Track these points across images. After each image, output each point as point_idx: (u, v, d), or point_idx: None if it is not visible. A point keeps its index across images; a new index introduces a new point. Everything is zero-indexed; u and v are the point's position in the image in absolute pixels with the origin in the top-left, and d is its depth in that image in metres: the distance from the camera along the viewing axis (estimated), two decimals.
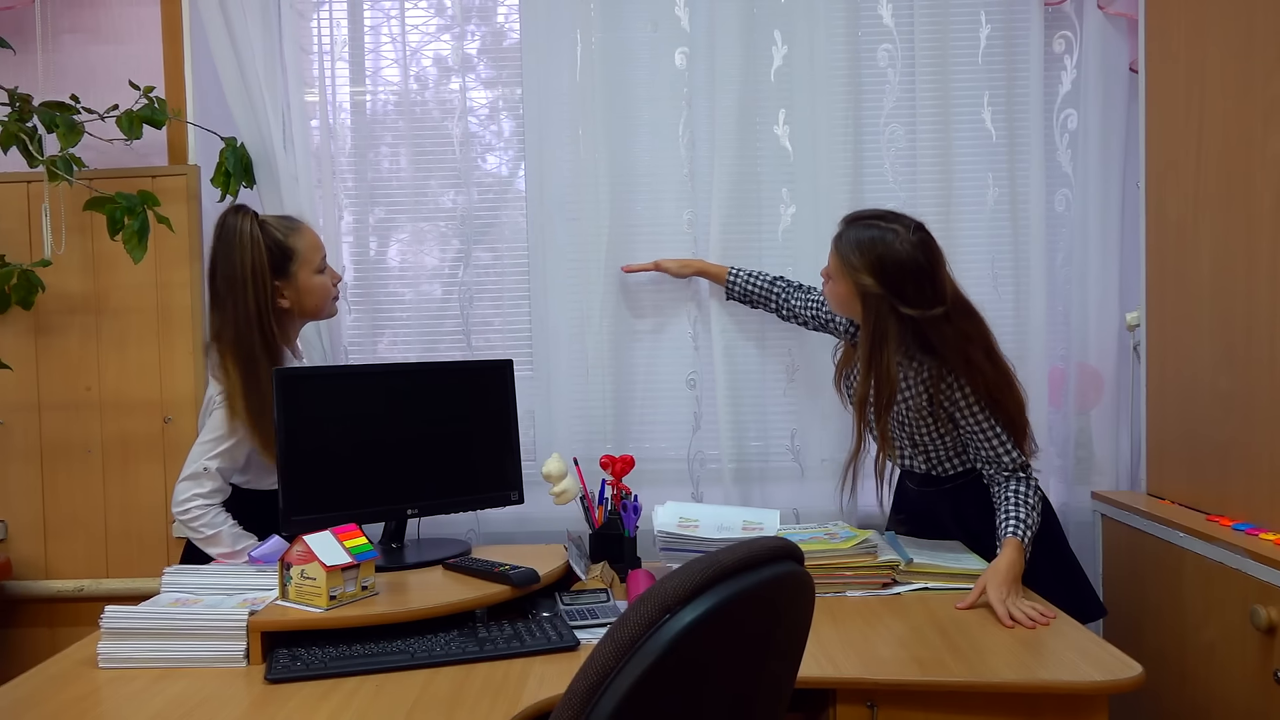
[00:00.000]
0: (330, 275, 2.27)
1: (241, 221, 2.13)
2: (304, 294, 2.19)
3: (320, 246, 2.25)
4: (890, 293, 1.98)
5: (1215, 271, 2.09)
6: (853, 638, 1.75)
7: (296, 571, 1.73)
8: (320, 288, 2.22)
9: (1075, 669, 1.58)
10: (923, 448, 2.16)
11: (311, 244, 2.22)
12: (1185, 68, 2.21)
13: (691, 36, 2.55)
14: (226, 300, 2.11)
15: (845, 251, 2.03)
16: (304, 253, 2.19)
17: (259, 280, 2.10)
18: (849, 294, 2.05)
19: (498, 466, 2.18)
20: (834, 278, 2.08)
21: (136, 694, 1.53)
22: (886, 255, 1.98)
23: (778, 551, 1.09)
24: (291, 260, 2.17)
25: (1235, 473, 2.04)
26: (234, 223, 2.13)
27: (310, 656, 1.62)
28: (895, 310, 1.99)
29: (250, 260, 2.10)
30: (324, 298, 2.24)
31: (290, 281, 2.17)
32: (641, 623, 0.95)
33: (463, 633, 1.73)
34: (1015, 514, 2.00)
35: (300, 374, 1.99)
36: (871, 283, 1.98)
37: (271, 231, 2.16)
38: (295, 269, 2.17)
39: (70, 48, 2.64)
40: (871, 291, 1.99)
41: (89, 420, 2.62)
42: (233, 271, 2.10)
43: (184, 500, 2.06)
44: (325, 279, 2.24)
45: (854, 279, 2.01)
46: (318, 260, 2.22)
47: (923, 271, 1.99)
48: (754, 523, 2.13)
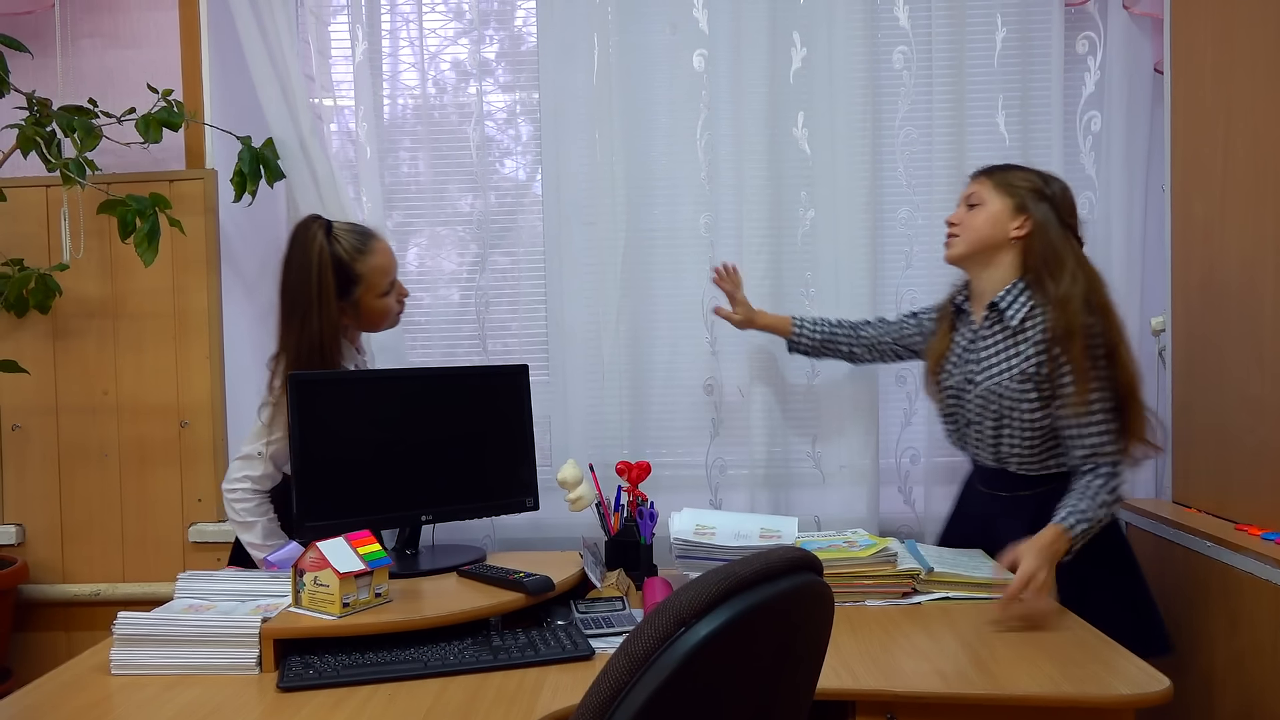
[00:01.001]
0: (398, 293, 2.22)
1: (315, 234, 2.08)
2: (364, 315, 2.17)
3: (389, 269, 2.18)
4: (1053, 204, 2.00)
5: (1244, 275, 2.05)
6: (872, 648, 1.72)
7: (310, 578, 1.71)
8: (382, 310, 2.18)
9: (1101, 682, 1.55)
10: (1012, 431, 2.03)
11: (378, 267, 2.15)
12: (1212, 68, 2.17)
13: (710, 39, 2.53)
14: (293, 317, 2.08)
15: (1003, 174, 2.06)
16: (369, 277, 2.13)
17: (325, 302, 2.06)
18: (1002, 212, 2.03)
19: (513, 472, 2.16)
20: (983, 201, 2.05)
21: (148, 701, 1.52)
22: (1048, 177, 2.05)
23: (795, 562, 1.06)
24: (356, 285, 2.12)
25: (1265, 481, 1.99)
26: (307, 235, 2.09)
27: (323, 664, 1.60)
28: (1061, 221, 2.00)
29: (317, 280, 2.06)
30: (385, 317, 2.20)
31: (351, 303, 2.14)
32: (656, 636, 0.93)
33: (477, 641, 1.71)
34: (1075, 504, 1.90)
35: (315, 379, 1.98)
36: (1040, 185, 2.02)
37: (340, 250, 2.10)
38: (359, 293, 2.13)
39: (89, 52, 2.65)
40: (1043, 194, 2.01)
41: (106, 424, 2.63)
42: (301, 290, 2.06)
43: (235, 479, 2.06)
44: (389, 301, 2.18)
45: (1016, 192, 2.02)
46: (384, 284, 2.16)
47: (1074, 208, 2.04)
48: (772, 530, 2.10)
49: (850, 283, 2.53)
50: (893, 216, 2.58)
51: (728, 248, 2.53)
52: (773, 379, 2.54)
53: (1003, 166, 2.09)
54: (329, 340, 2.07)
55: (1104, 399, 1.93)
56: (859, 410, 2.52)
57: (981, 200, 2.06)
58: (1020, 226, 2.01)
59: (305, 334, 2.05)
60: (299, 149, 2.53)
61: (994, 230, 2.04)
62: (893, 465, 2.58)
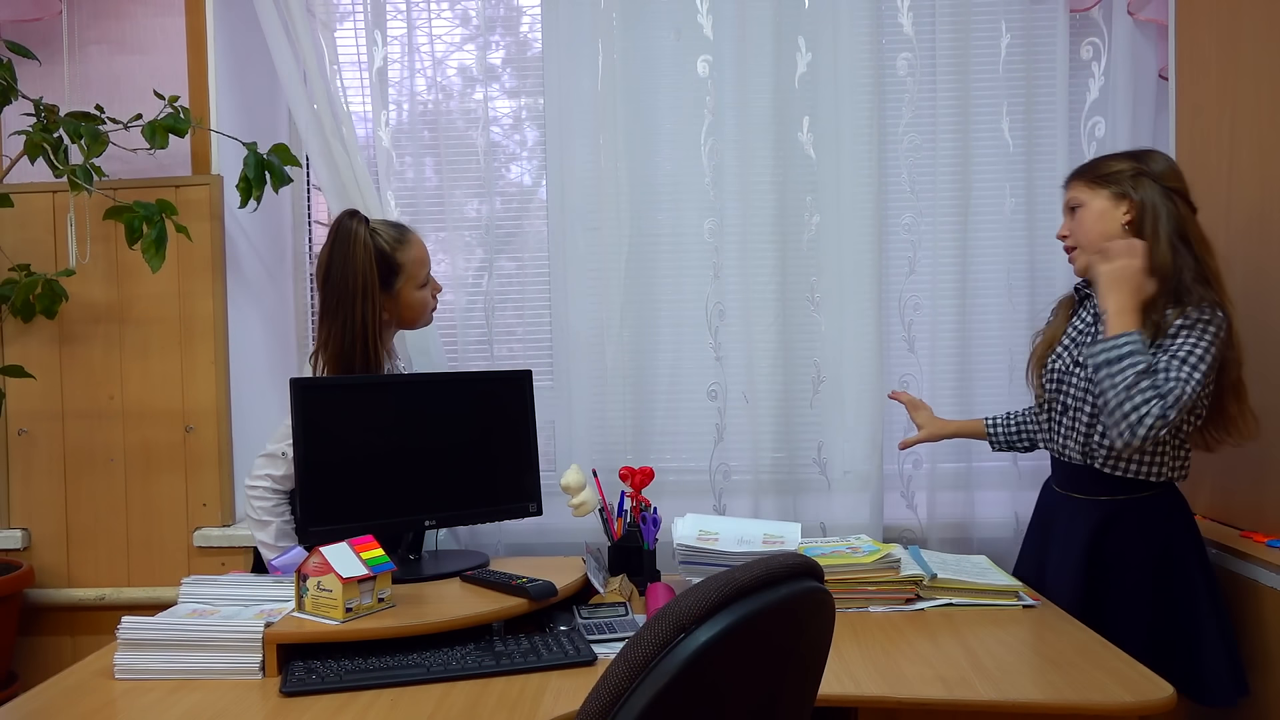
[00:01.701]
0: (432, 288, 2.23)
1: (357, 228, 2.08)
2: (405, 308, 2.17)
3: (426, 260, 2.21)
4: (1153, 178, 1.92)
5: (1249, 283, 2.05)
6: (875, 655, 1.72)
7: (313, 583, 1.72)
8: (421, 303, 2.19)
9: (1104, 689, 1.54)
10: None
11: (417, 259, 2.17)
12: (1216, 74, 2.17)
13: (715, 44, 2.54)
14: (337, 312, 2.06)
15: (1094, 168, 2.00)
16: (409, 268, 2.15)
17: (369, 295, 2.06)
18: (1105, 205, 1.96)
19: (516, 478, 2.16)
20: (1083, 202, 2.00)
21: (151, 706, 1.52)
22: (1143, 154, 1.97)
23: (796, 569, 1.06)
24: (397, 276, 2.14)
25: (1270, 488, 1.99)
26: (349, 228, 2.08)
27: (325, 669, 1.60)
28: (1164, 190, 1.92)
29: (362, 272, 2.06)
30: (423, 311, 2.21)
31: (393, 295, 2.14)
32: (656, 642, 0.93)
33: (479, 646, 1.71)
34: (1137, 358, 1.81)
35: (319, 384, 1.98)
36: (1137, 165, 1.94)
37: (381, 243, 2.12)
38: (399, 285, 2.14)
39: (96, 59, 2.66)
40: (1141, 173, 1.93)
41: (111, 429, 2.63)
42: (345, 283, 2.06)
43: (257, 476, 2.05)
44: (427, 293, 2.21)
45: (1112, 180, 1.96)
46: (422, 275, 2.18)
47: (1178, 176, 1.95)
48: (775, 536, 2.10)
49: (855, 288, 2.53)
50: (897, 222, 2.58)
51: (732, 253, 2.54)
52: (776, 385, 2.54)
53: (1092, 162, 2.03)
54: (373, 334, 2.06)
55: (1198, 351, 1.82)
56: (863, 416, 2.52)
57: (1081, 201, 2.01)
58: (1128, 212, 1.94)
59: (349, 328, 2.05)
60: (328, 153, 2.55)
61: (1104, 225, 1.97)
62: (896, 471, 2.58)
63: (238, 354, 2.67)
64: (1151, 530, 1.93)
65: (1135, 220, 1.93)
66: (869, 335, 2.51)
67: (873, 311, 2.50)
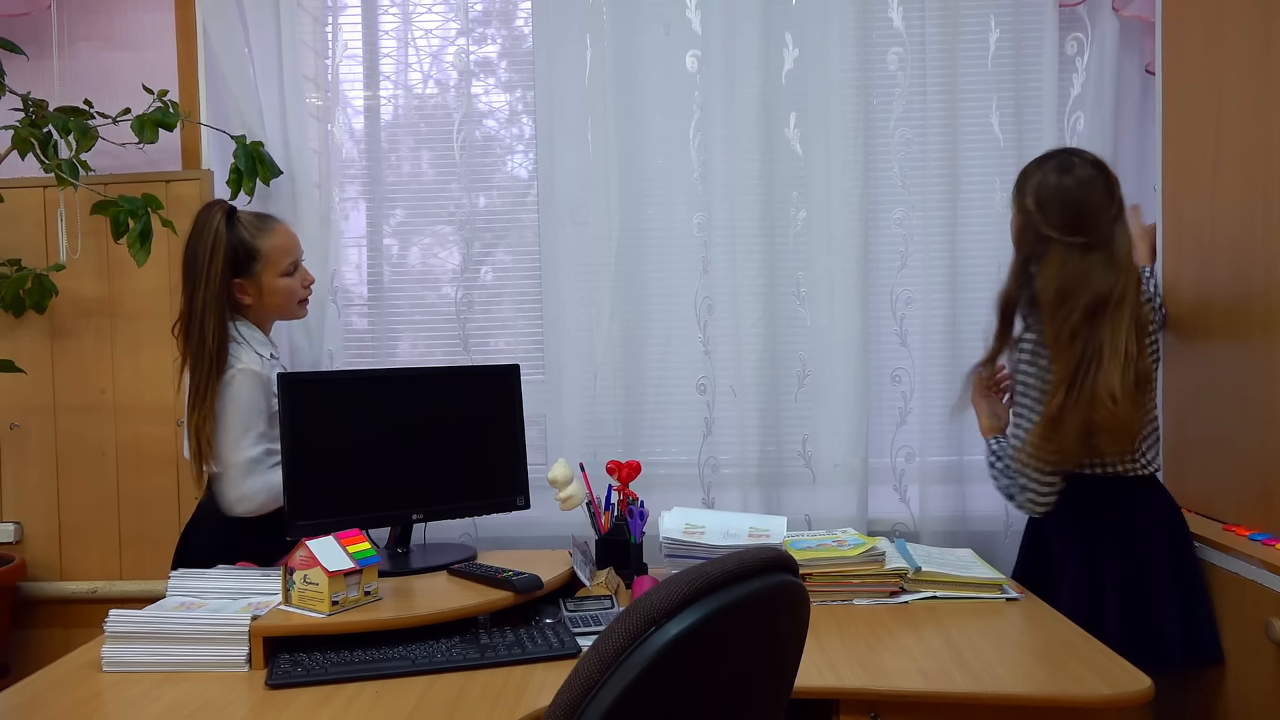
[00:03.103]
0: (301, 278, 2.28)
1: (210, 215, 2.16)
2: (266, 294, 2.21)
3: (291, 250, 2.25)
4: (1038, 210, 2.00)
5: (1233, 276, 2.05)
6: (857, 647, 1.73)
7: (300, 576, 1.73)
8: (284, 290, 2.23)
9: (1083, 682, 1.56)
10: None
11: (279, 247, 2.22)
12: (1202, 71, 2.17)
13: (704, 40, 2.54)
14: (183, 290, 2.16)
15: (1021, 178, 2.09)
16: (269, 254, 2.20)
17: (210, 277, 2.12)
18: (1014, 220, 2.09)
19: (504, 471, 2.17)
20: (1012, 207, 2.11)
21: (138, 698, 1.54)
22: (1049, 179, 2.02)
23: (769, 563, 1.07)
24: (255, 260, 2.19)
25: (1253, 482, 2.00)
26: (205, 216, 2.16)
27: (311, 662, 1.62)
28: (1037, 230, 2.00)
29: (204, 256, 2.13)
30: (287, 300, 2.25)
31: (253, 280, 2.19)
32: (627, 635, 0.94)
33: (464, 639, 1.72)
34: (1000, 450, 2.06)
35: (307, 379, 2.00)
36: (1029, 202, 2.03)
37: (240, 230, 2.18)
38: (259, 269, 2.19)
39: (86, 54, 2.66)
40: (1027, 211, 2.03)
41: (103, 423, 2.64)
42: (191, 265, 2.14)
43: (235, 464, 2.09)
44: (292, 282, 2.24)
45: (1019, 202, 2.06)
46: (284, 264, 2.22)
47: (1077, 198, 1.99)
48: (761, 529, 2.11)
49: (844, 283, 2.53)
50: (887, 217, 2.58)
51: (720, 248, 2.54)
52: (765, 378, 2.54)
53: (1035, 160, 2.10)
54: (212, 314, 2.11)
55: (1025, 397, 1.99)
56: (850, 409, 2.53)
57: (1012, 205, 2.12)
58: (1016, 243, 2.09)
59: (190, 305, 2.13)
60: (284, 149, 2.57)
61: (1013, 238, 2.11)
62: (887, 464, 2.59)
63: None
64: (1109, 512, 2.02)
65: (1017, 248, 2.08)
66: (855, 329, 2.51)
67: (859, 306, 2.51)
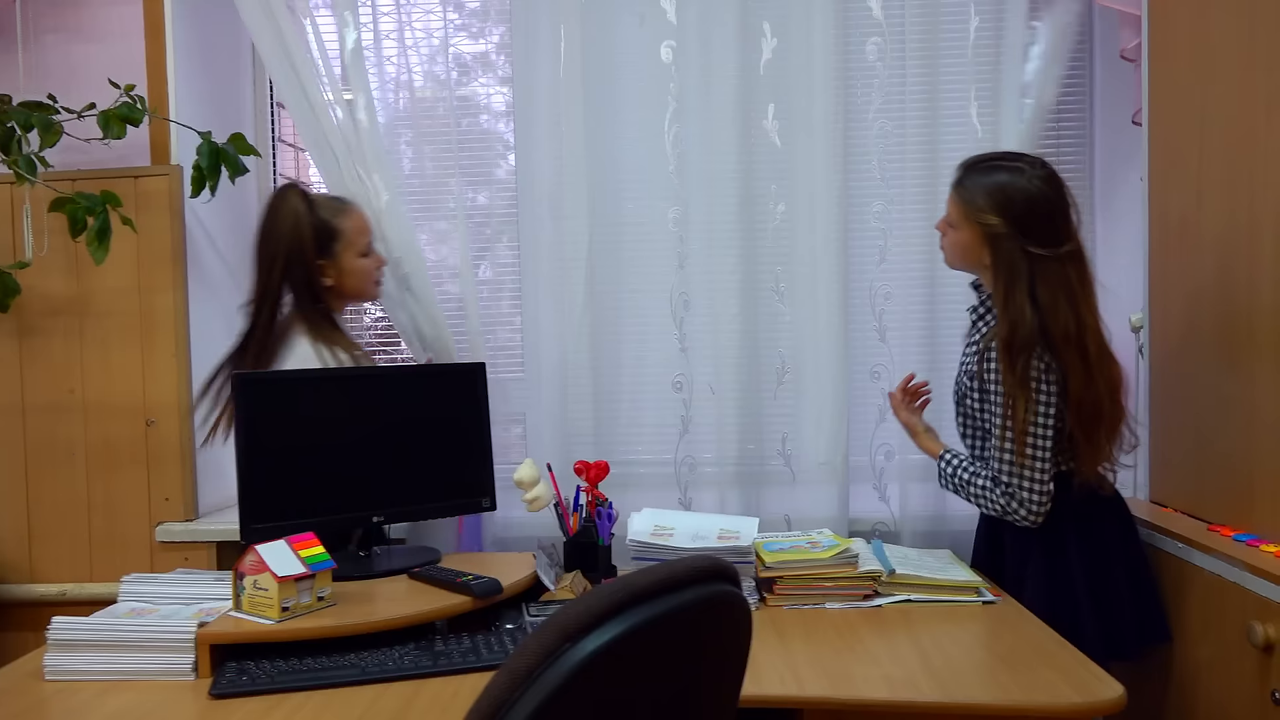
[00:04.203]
0: (375, 259, 2.30)
1: (286, 195, 2.18)
2: (346, 275, 2.22)
3: (367, 230, 2.28)
4: (1018, 231, 1.88)
5: (1218, 270, 2.00)
6: (824, 654, 1.68)
7: (250, 582, 1.69)
8: (361, 270, 2.25)
9: (1053, 689, 1.51)
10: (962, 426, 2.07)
11: (357, 227, 2.25)
12: (1188, 59, 2.11)
13: (679, 29, 2.48)
14: (259, 272, 2.17)
15: (969, 195, 1.94)
16: (349, 234, 2.22)
17: (298, 257, 2.14)
18: (973, 240, 1.94)
19: (469, 472, 2.12)
20: (956, 225, 1.98)
21: (78, 708, 1.50)
22: (1012, 190, 1.89)
23: (703, 572, 1.02)
24: (335, 241, 2.20)
25: (1237, 481, 1.94)
26: (280, 197, 2.18)
27: (258, 670, 1.57)
28: (1024, 249, 1.88)
29: (287, 235, 2.14)
30: (365, 280, 2.26)
31: (333, 261, 2.20)
32: (540, 652, 0.89)
33: (419, 646, 1.68)
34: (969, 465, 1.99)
35: (263, 377, 1.95)
36: (998, 221, 1.89)
37: (319, 210, 2.19)
38: (339, 249, 2.20)
39: (52, 47, 2.62)
40: (999, 231, 1.89)
41: (72, 423, 2.60)
42: (268, 246, 2.16)
43: None
44: (369, 263, 2.27)
45: (979, 221, 1.92)
46: (362, 244, 2.25)
47: (1053, 207, 1.90)
48: (731, 531, 2.06)
49: (826, 277, 2.48)
50: (866, 210, 2.52)
51: (696, 242, 2.49)
52: (743, 375, 2.49)
53: (973, 167, 1.98)
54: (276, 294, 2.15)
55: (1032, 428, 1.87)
56: (831, 407, 2.47)
57: (951, 220, 2.00)
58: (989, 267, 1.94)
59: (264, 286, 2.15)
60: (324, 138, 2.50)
61: (964, 257, 2.01)
62: (867, 463, 2.53)
63: (200, 347, 2.62)
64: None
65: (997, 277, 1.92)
66: (836, 325, 2.46)
67: (839, 301, 2.46)
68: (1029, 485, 1.88)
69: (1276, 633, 1.66)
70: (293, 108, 2.53)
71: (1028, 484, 1.88)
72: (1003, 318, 1.90)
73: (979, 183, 1.94)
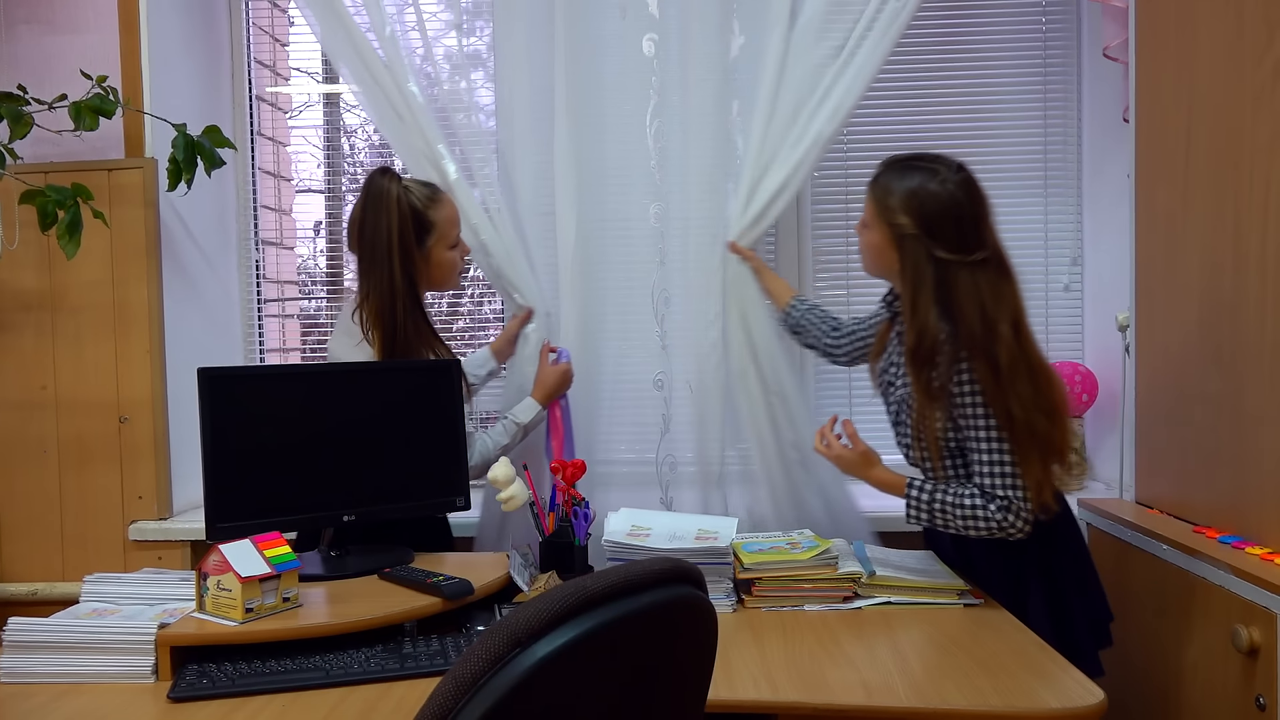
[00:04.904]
0: (461, 250, 2.25)
1: (389, 185, 2.10)
2: (434, 267, 2.18)
3: (457, 221, 2.22)
4: (926, 234, 1.82)
5: (1204, 267, 1.96)
6: (801, 658, 1.64)
7: (213, 582, 1.65)
8: (449, 263, 2.20)
9: (1032, 695, 1.47)
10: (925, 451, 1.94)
11: (449, 218, 2.19)
12: (1175, 55, 2.08)
13: (661, 23, 2.44)
14: (372, 269, 2.10)
15: (881, 193, 1.89)
16: (441, 226, 2.17)
17: (406, 250, 2.09)
18: (883, 242, 1.89)
19: (443, 471, 2.08)
20: (869, 225, 1.93)
21: (32, 711, 1.46)
22: (925, 194, 1.83)
23: (663, 574, 0.99)
24: (429, 233, 2.15)
25: (1223, 481, 1.91)
26: (381, 185, 2.10)
27: (220, 673, 1.53)
28: (931, 255, 1.82)
29: (397, 228, 2.08)
30: (451, 273, 2.22)
31: (424, 253, 2.15)
32: (487, 658, 0.85)
33: (387, 648, 1.64)
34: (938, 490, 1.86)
35: (229, 373, 1.91)
36: (908, 222, 1.83)
37: (414, 200, 2.13)
38: (431, 242, 2.15)
39: (26, 38, 2.57)
40: (908, 233, 1.84)
41: (44, 420, 2.56)
42: (379, 239, 2.08)
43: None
44: (456, 254, 2.22)
45: (890, 221, 1.86)
46: (453, 235, 2.20)
47: (963, 212, 1.83)
48: (709, 531, 2.02)
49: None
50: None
51: (676, 239, 2.46)
52: (724, 374, 2.45)
53: (890, 167, 1.92)
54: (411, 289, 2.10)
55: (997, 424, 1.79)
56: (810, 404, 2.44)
57: (865, 222, 1.96)
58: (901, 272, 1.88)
59: (385, 284, 2.07)
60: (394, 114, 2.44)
61: (875, 259, 1.95)
62: None
63: (175, 343, 2.59)
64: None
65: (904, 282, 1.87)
66: None
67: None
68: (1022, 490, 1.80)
69: (1262, 637, 1.63)
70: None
71: (1019, 490, 1.80)
72: (909, 326, 1.85)
73: (893, 183, 1.88)
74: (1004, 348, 1.77)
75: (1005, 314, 1.80)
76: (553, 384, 2.33)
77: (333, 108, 3.08)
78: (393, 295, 2.07)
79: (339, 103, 3.08)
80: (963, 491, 1.84)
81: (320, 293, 3.09)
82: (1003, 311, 1.80)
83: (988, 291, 1.80)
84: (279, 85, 3.04)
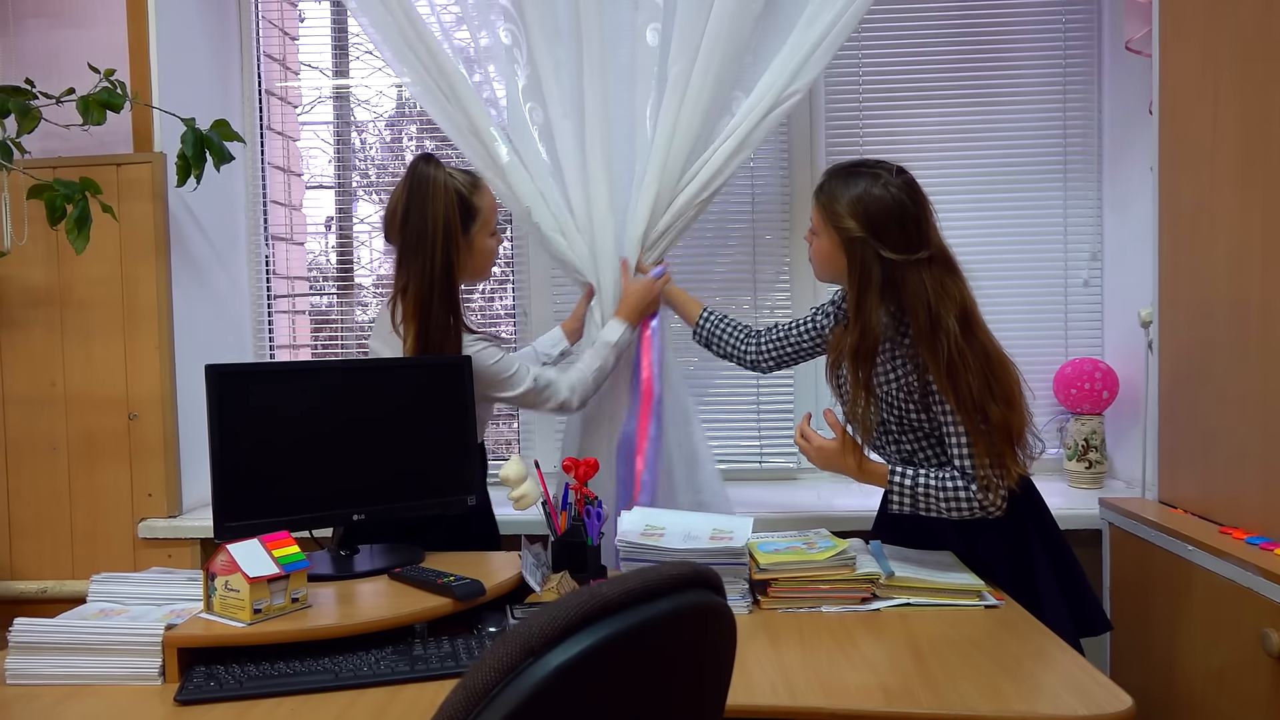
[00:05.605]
0: (498, 238, 2.21)
1: (435, 172, 2.06)
2: (476, 254, 2.14)
3: (496, 208, 2.20)
4: (872, 236, 1.88)
5: (1231, 263, 1.92)
6: (819, 661, 1.61)
7: (221, 582, 1.62)
8: (489, 251, 2.18)
9: (1056, 700, 1.43)
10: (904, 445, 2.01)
11: (491, 206, 2.17)
12: (1200, 46, 2.03)
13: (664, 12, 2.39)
14: (415, 256, 2.04)
15: (827, 200, 1.95)
16: (485, 213, 2.14)
17: (451, 237, 2.04)
18: (832, 246, 1.95)
19: (454, 469, 2.05)
20: (818, 232, 1.99)
21: (38, 713, 1.44)
22: (869, 198, 1.90)
23: (681, 580, 0.95)
24: (474, 220, 2.11)
25: (1250, 481, 1.87)
26: (427, 173, 2.05)
27: (227, 675, 1.51)
28: (879, 255, 1.89)
29: (444, 215, 2.04)
30: (489, 261, 2.20)
31: (468, 240, 2.11)
32: (500, 668, 0.82)
33: (397, 650, 1.61)
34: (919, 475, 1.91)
35: (239, 370, 1.88)
36: (854, 226, 1.89)
37: (458, 186, 2.09)
38: (475, 229, 2.12)
39: (34, 32, 2.56)
40: (855, 236, 1.90)
41: (54, 417, 2.55)
42: (425, 226, 2.04)
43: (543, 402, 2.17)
44: (494, 242, 2.19)
45: (837, 226, 1.92)
46: (494, 222, 2.18)
47: (907, 213, 1.89)
48: (725, 531, 1.99)
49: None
50: None
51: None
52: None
53: (835, 174, 1.97)
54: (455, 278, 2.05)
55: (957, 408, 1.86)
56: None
57: (814, 229, 2.01)
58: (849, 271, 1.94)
59: (428, 271, 2.03)
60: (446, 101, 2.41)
61: (825, 264, 2.01)
62: None
63: (184, 339, 2.57)
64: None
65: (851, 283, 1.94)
66: None
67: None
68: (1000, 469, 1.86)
69: None
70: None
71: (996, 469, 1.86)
72: (853, 324, 1.92)
73: (838, 189, 1.94)
74: (950, 340, 1.84)
75: (951, 308, 1.87)
76: (636, 299, 2.28)
77: (343, 103, 3.06)
78: (432, 284, 2.03)
79: (349, 98, 3.06)
80: (943, 474, 1.90)
81: (330, 288, 3.06)
82: (948, 306, 1.87)
83: (933, 288, 1.87)
84: (289, 80, 3.02)
